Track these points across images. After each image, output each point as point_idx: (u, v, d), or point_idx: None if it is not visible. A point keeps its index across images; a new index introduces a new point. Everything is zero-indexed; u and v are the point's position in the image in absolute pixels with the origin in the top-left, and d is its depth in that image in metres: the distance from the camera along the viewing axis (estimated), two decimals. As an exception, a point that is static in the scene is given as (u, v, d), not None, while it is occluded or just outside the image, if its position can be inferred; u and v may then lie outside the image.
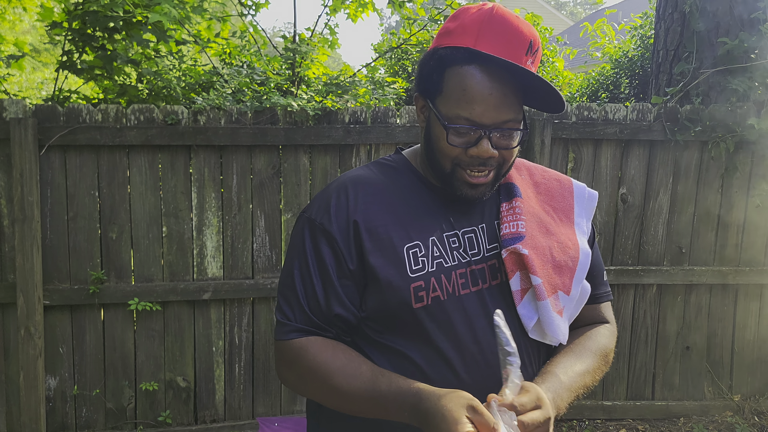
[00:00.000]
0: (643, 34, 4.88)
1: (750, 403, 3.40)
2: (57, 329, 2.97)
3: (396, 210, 1.12)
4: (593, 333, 1.23)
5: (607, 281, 1.31)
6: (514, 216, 1.15)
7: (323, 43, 3.87)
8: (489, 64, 1.02)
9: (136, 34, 3.25)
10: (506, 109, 1.04)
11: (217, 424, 3.12)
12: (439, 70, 1.07)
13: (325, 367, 1.06)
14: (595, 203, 1.26)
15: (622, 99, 4.73)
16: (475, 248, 1.14)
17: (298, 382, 1.12)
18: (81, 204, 2.93)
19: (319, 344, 1.08)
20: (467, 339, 1.09)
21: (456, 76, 1.04)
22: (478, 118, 1.03)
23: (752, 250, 3.36)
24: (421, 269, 1.08)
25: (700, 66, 3.42)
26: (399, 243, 1.09)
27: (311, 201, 1.16)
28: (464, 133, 1.05)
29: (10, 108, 2.81)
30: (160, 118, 2.94)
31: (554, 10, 23.85)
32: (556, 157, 3.21)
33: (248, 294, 3.07)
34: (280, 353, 1.13)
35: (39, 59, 9.54)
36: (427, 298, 1.08)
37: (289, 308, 1.11)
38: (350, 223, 1.09)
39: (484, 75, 1.02)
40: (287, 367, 1.12)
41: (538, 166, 1.30)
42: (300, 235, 1.13)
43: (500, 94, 1.03)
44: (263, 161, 3.05)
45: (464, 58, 1.03)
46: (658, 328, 3.38)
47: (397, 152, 1.25)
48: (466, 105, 1.03)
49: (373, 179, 1.15)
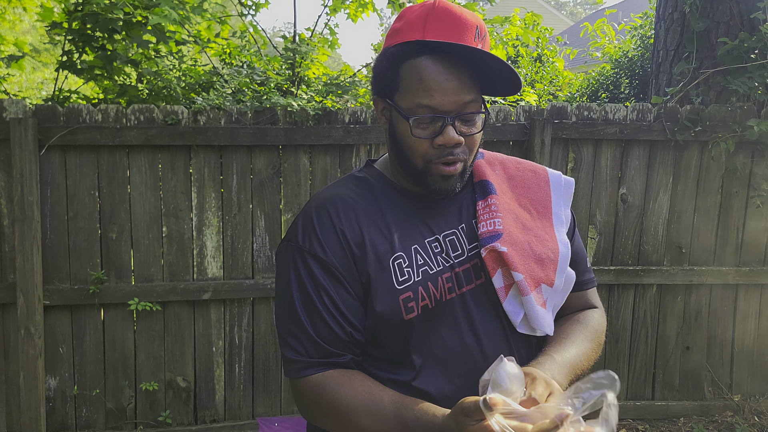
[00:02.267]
0: (643, 34, 4.88)
1: (750, 403, 3.40)
2: (57, 329, 2.97)
3: (375, 223, 1.11)
4: (583, 316, 1.25)
5: (591, 268, 1.31)
6: (490, 214, 1.15)
7: (323, 43, 3.87)
8: (440, 52, 1.04)
9: (136, 35, 3.25)
10: (465, 92, 1.05)
11: (217, 424, 3.12)
12: (393, 68, 1.07)
13: (346, 404, 1.03)
14: (572, 190, 1.26)
15: (622, 99, 4.73)
16: (458, 249, 1.14)
17: (323, 419, 1.08)
18: (81, 204, 2.94)
19: (336, 379, 1.05)
20: (455, 343, 1.09)
21: (410, 69, 1.05)
22: (439, 105, 1.04)
23: (752, 250, 3.37)
24: (408, 280, 1.08)
25: (700, 66, 3.42)
26: (384, 256, 1.08)
27: (290, 229, 1.13)
28: (427, 123, 1.06)
29: (10, 108, 2.81)
30: (160, 118, 2.94)
31: (554, 10, 23.85)
32: (556, 157, 3.21)
33: (248, 294, 3.07)
34: (298, 392, 1.09)
35: (39, 59, 9.54)
36: (417, 308, 1.08)
37: (298, 342, 1.07)
38: (339, 239, 1.08)
39: (437, 63, 1.03)
40: (309, 405, 1.08)
41: (512, 158, 1.29)
42: (291, 265, 1.10)
43: (456, 78, 1.04)
44: (263, 161, 3.05)
45: (415, 51, 1.05)
46: (658, 328, 3.39)
47: (367, 164, 1.24)
48: (424, 94, 1.04)
49: (348, 195, 1.14)
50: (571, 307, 1.26)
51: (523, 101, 4.20)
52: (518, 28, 4.28)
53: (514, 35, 4.50)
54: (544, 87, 5.37)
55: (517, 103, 4.07)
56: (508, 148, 3.21)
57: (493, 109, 3.20)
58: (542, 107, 3.24)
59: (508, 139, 3.19)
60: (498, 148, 3.16)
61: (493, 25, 4.03)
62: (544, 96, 5.07)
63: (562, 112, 3.20)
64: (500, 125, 3.16)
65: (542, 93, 5.14)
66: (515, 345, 1.13)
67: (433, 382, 1.09)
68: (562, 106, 3.20)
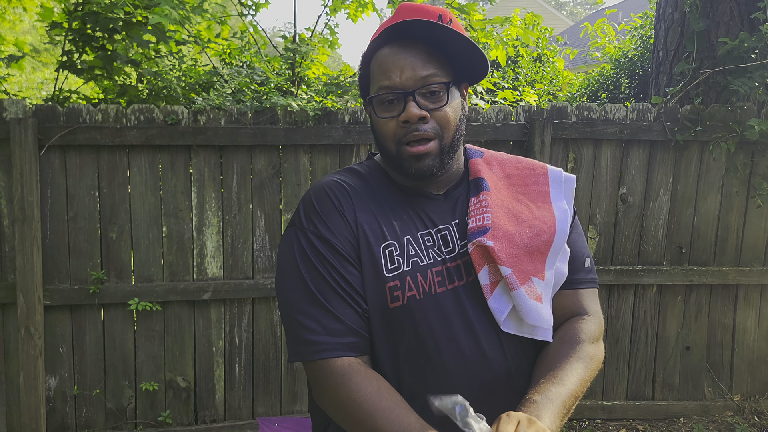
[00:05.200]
0: (643, 34, 4.88)
1: (750, 403, 3.40)
2: (57, 329, 2.97)
3: (370, 209, 1.12)
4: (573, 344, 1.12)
5: (592, 269, 1.24)
6: (480, 209, 1.15)
7: (323, 43, 3.87)
8: (398, 38, 1.10)
9: (137, 35, 3.25)
10: (421, 68, 1.08)
11: (217, 424, 3.12)
12: (365, 68, 1.15)
13: (369, 403, 0.98)
14: (573, 186, 1.25)
15: (622, 99, 4.73)
16: (450, 245, 1.14)
17: (336, 409, 1.03)
18: (81, 204, 2.94)
19: (363, 374, 1.02)
20: (444, 337, 1.08)
21: (375, 62, 1.12)
22: (398, 84, 1.08)
23: (752, 250, 3.37)
24: (397, 268, 1.08)
25: (700, 66, 3.42)
26: (375, 243, 1.09)
27: (293, 216, 1.14)
28: (390, 103, 1.10)
29: (10, 108, 2.81)
30: (160, 118, 2.94)
31: (554, 10, 23.85)
32: (556, 157, 3.21)
33: (248, 294, 3.07)
34: (320, 374, 1.03)
35: (39, 59, 9.54)
36: (403, 297, 1.07)
37: (316, 323, 1.03)
38: (341, 216, 1.10)
39: (395, 47, 1.09)
40: (328, 391, 1.03)
41: (512, 157, 1.29)
42: (296, 247, 1.09)
43: (411, 56, 1.08)
44: (263, 161, 3.05)
45: (378, 45, 1.12)
46: (658, 328, 3.38)
47: (369, 157, 1.26)
48: (383, 77, 1.09)
49: (347, 183, 1.15)
50: (560, 309, 1.17)
51: (523, 101, 4.20)
52: (518, 29, 4.28)
53: (514, 35, 4.50)
54: (544, 87, 5.37)
55: (517, 103, 4.07)
56: (508, 148, 3.21)
57: (493, 109, 3.20)
58: (542, 107, 3.24)
59: (508, 139, 3.19)
60: (498, 148, 3.16)
61: (493, 25, 4.03)
62: (544, 96, 5.07)
63: (562, 112, 3.20)
64: (500, 125, 3.15)
65: (542, 93, 5.14)
66: (507, 343, 1.11)
67: (414, 374, 1.08)
68: (562, 106, 3.20)
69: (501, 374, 1.10)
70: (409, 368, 1.09)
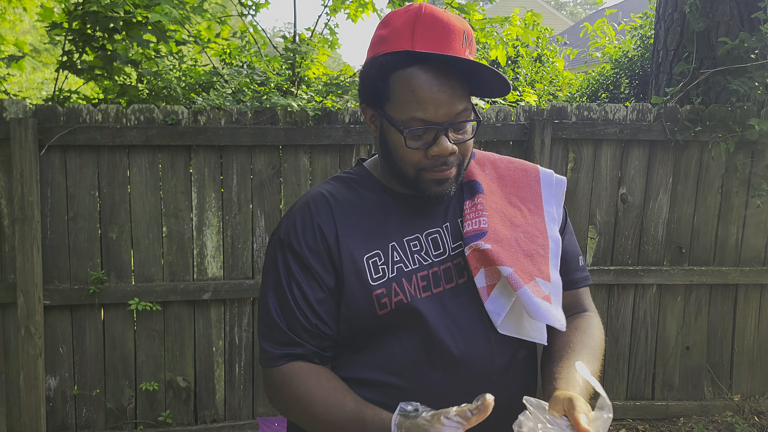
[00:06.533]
0: (643, 34, 4.88)
1: (750, 403, 3.40)
2: (57, 329, 2.97)
3: (357, 221, 1.12)
4: (587, 327, 1.21)
5: (585, 267, 1.29)
6: (476, 213, 1.15)
7: (323, 43, 3.87)
8: (431, 62, 1.03)
9: (137, 35, 3.25)
10: (457, 102, 1.05)
11: (217, 424, 3.12)
12: (383, 78, 1.06)
13: (308, 395, 1.06)
14: (563, 188, 1.25)
15: (622, 99, 4.73)
16: (440, 248, 1.14)
17: (285, 408, 1.12)
18: (81, 204, 2.94)
19: (304, 371, 1.08)
20: (429, 340, 1.09)
21: (401, 80, 1.04)
22: (433, 117, 1.04)
23: (752, 250, 3.37)
24: (382, 277, 1.09)
25: (700, 66, 3.42)
26: (358, 254, 1.09)
27: (279, 222, 1.17)
28: (421, 134, 1.06)
29: (10, 108, 2.81)
30: (160, 118, 2.94)
31: (554, 10, 23.85)
32: (556, 157, 3.21)
33: (248, 294, 3.07)
34: (268, 381, 1.13)
35: (39, 59, 9.54)
36: (391, 303, 1.08)
37: (269, 332, 1.11)
38: (316, 233, 1.10)
39: (428, 74, 1.03)
40: (274, 394, 1.12)
41: (504, 157, 1.29)
42: (272, 256, 1.13)
43: (448, 89, 1.04)
44: (263, 161, 3.05)
45: (405, 62, 1.03)
46: (658, 328, 3.39)
47: (358, 164, 1.25)
48: (417, 106, 1.03)
49: (334, 194, 1.15)
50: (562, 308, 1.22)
51: (523, 101, 4.20)
52: (518, 28, 4.28)
53: (514, 35, 4.50)
54: (544, 87, 5.37)
55: (517, 103, 4.07)
56: (508, 148, 3.21)
57: (493, 109, 3.20)
58: (542, 107, 3.24)
59: (508, 139, 3.19)
60: (498, 148, 3.16)
61: (493, 25, 4.03)
62: (544, 96, 5.07)
63: (562, 112, 3.20)
64: (500, 125, 3.16)
65: (542, 93, 5.14)
66: (496, 346, 1.12)
67: (405, 378, 1.09)
68: (562, 106, 3.20)
69: (489, 376, 1.11)
70: (403, 372, 1.10)
